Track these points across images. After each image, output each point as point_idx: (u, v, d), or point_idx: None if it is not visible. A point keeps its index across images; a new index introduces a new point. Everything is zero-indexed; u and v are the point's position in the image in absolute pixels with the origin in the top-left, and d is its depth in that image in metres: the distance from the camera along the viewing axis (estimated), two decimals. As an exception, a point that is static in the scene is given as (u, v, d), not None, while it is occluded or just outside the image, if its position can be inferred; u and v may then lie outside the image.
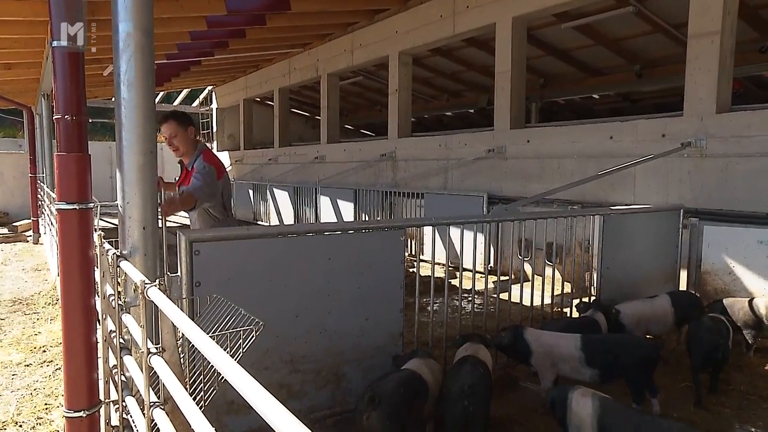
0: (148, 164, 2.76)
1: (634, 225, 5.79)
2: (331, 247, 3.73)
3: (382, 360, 3.88)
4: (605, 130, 7.49)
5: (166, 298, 1.91)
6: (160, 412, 2.08)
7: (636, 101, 13.43)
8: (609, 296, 5.42)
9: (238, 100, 18.47)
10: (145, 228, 2.79)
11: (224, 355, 1.48)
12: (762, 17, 8.64)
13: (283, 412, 1.08)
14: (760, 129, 5.87)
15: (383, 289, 3.92)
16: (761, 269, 5.60)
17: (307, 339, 3.55)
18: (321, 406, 3.65)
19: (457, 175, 9.62)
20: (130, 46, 2.67)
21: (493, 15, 8.79)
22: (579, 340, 3.82)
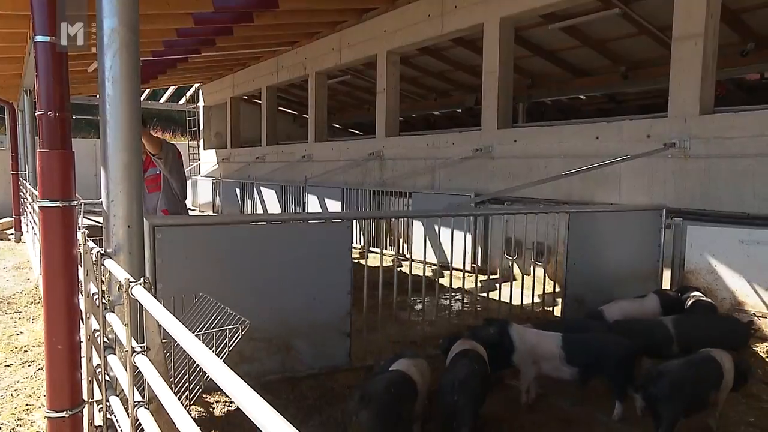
0: (133, 162, 2.74)
1: (612, 223, 5.95)
2: (283, 235, 4.46)
3: (331, 335, 4.48)
4: (591, 130, 7.56)
5: (151, 297, 1.90)
6: (144, 411, 2.07)
7: (621, 102, 13.58)
8: (576, 292, 5.70)
9: (226, 98, 18.37)
10: (130, 226, 2.78)
11: (208, 353, 1.48)
12: (743, 21, 8.77)
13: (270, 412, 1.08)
14: (741, 131, 5.96)
15: (332, 273, 4.47)
16: (742, 268, 5.69)
17: (259, 313, 3.90)
18: (271, 371, 4.22)
19: (444, 175, 9.65)
20: (115, 42, 2.65)
21: (481, 15, 8.83)
22: (560, 338, 3.87)
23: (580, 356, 3.78)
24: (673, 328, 4.33)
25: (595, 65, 11.60)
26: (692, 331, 4.34)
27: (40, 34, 2.60)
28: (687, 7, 6.38)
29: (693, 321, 4.57)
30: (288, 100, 18.55)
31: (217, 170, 19.11)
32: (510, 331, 3.90)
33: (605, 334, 4.26)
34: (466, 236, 7.12)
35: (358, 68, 13.72)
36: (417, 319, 6.18)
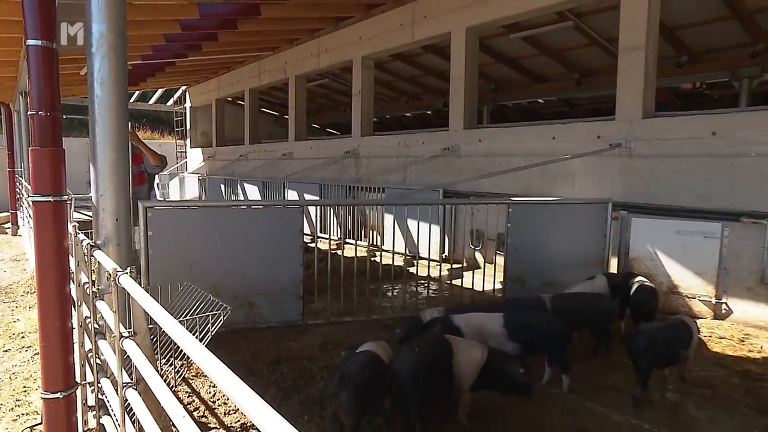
0: (120, 159, 2.73)
1: (558, 214, 6.19)
2: (249, 216, 5.40)
3: (286, 297, 5.36)
4: (548, 131, 7.67)
5: (137, 285, 1.91)
6: (132, 391, 2.08)
7: (576, 106, 13.77)
8: (516, 274, 6.03)
9: (211, 99, 18.16)
10: (118, 219, 2.76)
11: (190, 337, 1.50)
12: (678, 37, 9.01)
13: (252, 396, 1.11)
14: (677, 133, 6.14)
15: (286, 248, 5.34)
16: (677, 256, 5.89)
17: (227, 276, 5.08)
18: (236, 322, 4.98)
19: (415, 171, 9.71)
20: (104, 47, 2.62)
21: (449, 25, 8.88)
22: (502, 318, 3.99)
23: (520, 333, 3.92)
24: (550, 304, 4.52)
25: (552, 72, 11.73)
26: (564, 307, 4.51)
27: (31, 38, 2.56)
28: (630, 22, 6.53)
29: (566, 298, 4.72)
30: (270, 101, 18.39)
31: (203, 167, 18.90)
32: (453, 320, 3.99)
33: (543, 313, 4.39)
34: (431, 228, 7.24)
35: (335, 72, 13.68)
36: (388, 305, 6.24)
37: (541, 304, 4.56)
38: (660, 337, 3.80)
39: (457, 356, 3.31)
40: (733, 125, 5.75)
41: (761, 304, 5.49)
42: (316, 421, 3.45)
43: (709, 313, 5.76)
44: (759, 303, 5.51)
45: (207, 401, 3.74)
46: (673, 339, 3.87)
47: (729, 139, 5.72)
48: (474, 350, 3.38)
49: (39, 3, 2.57)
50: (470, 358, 3.32)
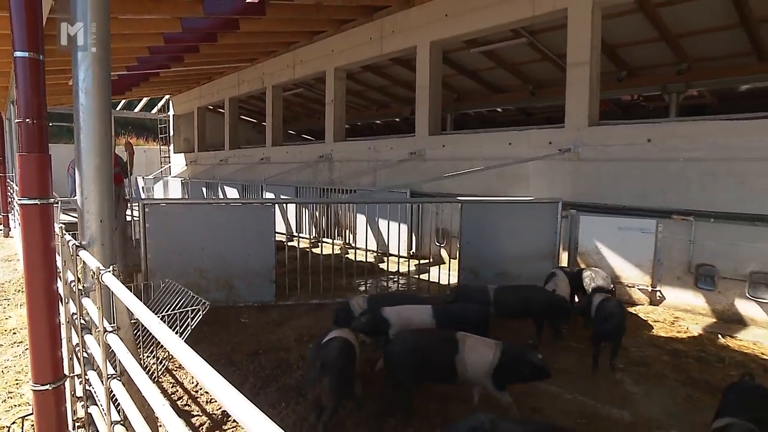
0: (104, 164, 2.70)
1: (511, 212, 6.39)
2: (230, 212, 5.96)
3: (261, 280, 5.91)
4: (506, 137, 7.79)
5: (118, 283, 1.90)
6: (116, 383, 2.08)
7: (531, 115, 13.97)
8: (469, 265, 6.20)
9: (193, 107, 17.87)
10: (102, 221, 2.73)
11: (168, 331, 1.51)
12: (618, 55, 9.28)
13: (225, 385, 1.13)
14: (618, 140, 6.34)
15: (260, 237, 5.91)
16: (619, 249, 6.10)
17: (210, 261, 5.72)
18: (219, 301, 5.56)
19: (384, 174, 9.75)
20: (88, 58, 2.60)
21: (414, 39, 8.96)
22: (431, 309, 4.06)
23: (448, 323, 3.96)
24: (493, 295, 4.67)
25: (509, 84, 11.90)
26: (504, 297, 4.67)
27: (19, 49, 2.51)
28: (576, 40, 6.71)
29: (506, 290, 4.83)
30: (248, 109, 18.20)
31: (186, 171, 18.58)
32: (383, 314, 3.98)
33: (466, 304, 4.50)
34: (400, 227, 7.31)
35: (309, 82, 13.62)
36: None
37: (485, 295, 4.69)
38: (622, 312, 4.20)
39: (463, 353, 3.23)
40: (664, 134, 5.97)
41: (688, 291, 5.74)
42: (293, 407, 3.47)
43: (646, 299, 5.98)
44: (686, 290, 5.75)
45: (190, 391, 3.72)
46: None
47: (661, 145, 5.94)
48: (485, 350, 3.25)
49: (26, 17, 2.53)
50: (479, 358, 3.21)
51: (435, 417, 3.30)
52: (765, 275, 5.22)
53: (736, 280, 5.42)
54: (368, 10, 9.57)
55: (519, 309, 4.67)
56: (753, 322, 5.33)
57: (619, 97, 10.73)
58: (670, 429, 3.26)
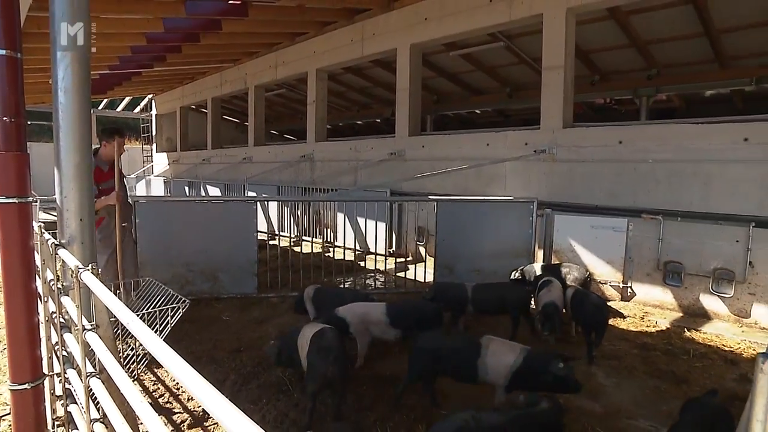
0: (84, 162, 2.64)
1: (487, 211, 6.45)
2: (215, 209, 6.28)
3: (243, 274, 6.09)
4: (483, 138, 7.85)
5: (97, 281, 1.87)
6: (96, 380, 2.04)
7: (508, 116, 14.11)
8: (445, 262, 6.30)
9: (176, 107, 17.62)
10: (82, 219, 2.67)
11: (146, 329, 1.48)
12: (591, 60, 9.44)
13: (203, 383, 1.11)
14: (591, 141, 6.44)
15: (243, 233, 6.11)
16: (592, 247, 6.21)
17: (196, 255, 5.93)
18: (203, 292, 5.91)
19: (365, 174, 9.75)
20: (67, 57, 2.54)
21: (394, 42, 8.97)
22: (384, 307, 4.09)
23: (401, 320, 4.01)
24: (471, 292, 4.74)
25: (487, 86, 11.99)
26: (481, 295, 4.74)
27: (-5, 48, 2.45)
28: (551, 45, 6.79)
29: (484, 287, 4.90)
30: (231, 109, 18.01)
31: (168, 171, 18.31)
32: (338, 314, 3.99)
33: (419, 301, 4.59)
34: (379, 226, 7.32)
35: (291, 83, 13.54)
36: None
37: (463, 291, 4.75)
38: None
39: (486, 357, 3.18)
40: (635, 136, 6.09)
41: (657, 287, 5.87)
42: (274, 403, 3.45)
43: (617, 296, 6.09)
44: (655, 286, 5.88)
45: (171, 388, 3.67)
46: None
47: (632, 147, 6.06)
48: (507, 355, 3.16)
49: (3, 14, 2.47)
50: (500, 362, 3.15)
51: (414, 410, 3.32)
52: (727, 271, 5.37)
53: (700, 276, 5.56)
54: (350, 13, 9.56)
55: (496, 305, 4.73)
56: (716, 315, 5.47)
57: (593, 100, 10.90)
58: (638, 418, 3.33)
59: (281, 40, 11.40)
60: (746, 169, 5.25)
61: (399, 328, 4.02)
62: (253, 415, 3.24)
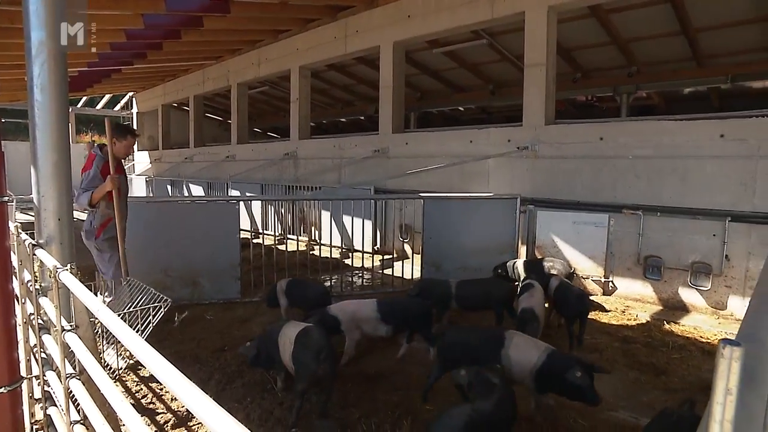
0: (61, 161, 2.59)
1: (471, 208, 6.44)
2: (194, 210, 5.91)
3: (225, 278, 5.75)
4: (466, 135, 7.89)
5: (76, 281, 1.83)
6: (76, 382, 2.00)
7: (491, 113, 14.16)
8: (432, 259, 6.27)
9: (157, 105, 17.39)
10: (60, 219, 2.62)
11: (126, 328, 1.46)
12: (573, 57, 9.54)
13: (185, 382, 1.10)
14: (573, 138, 6.52)
15: (225, 235, 5.75)
16: (574, 242, 6.28)
17: (174, 259, 5.52)
18: (182, 299, 5.39)
19: (349, 171, 9.73)
20: (43, 53, 2.48)
21: (377, 39, 8.96)
22: (375, 303, 4.11)
23: (392, 316, 4.03)
24: (454, 289, 4.77)
25: (470, 83, 12.04)
26: (464, 291, 4.79)
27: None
28: (533, 43, 6.85)
29: (468, 283, 4.94)
30: (213, 107, 17.81)
31: (150, 169, 18.06)
32: (330, 311, 4.02)
33: (409, 298, 4.61)
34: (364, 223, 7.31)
35: (274, 80, 13.44)
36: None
37: (447, 287, 4.77)
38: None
39: (508, 350, 3.12)
40: (615, 132, 6.18)
41: (637, 281, 5.97)
42: (258, 402, 3.43)
43: (599, 290, 6.18)
44: (636, 280, 5.98)
45: (155, 389, 3.63)
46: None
47: (613, 143, 6.14)
48: (530, 352, 3.09)
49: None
50: (523, 358, 3.08)
51: (399, 407, 3.33)
52: (704, 265, 5.48)
53: (679, 270, 5.67)
54: (332, 10, 9.51)
55: (479, 301, 4.76)
56: (694, 308, 5.59)
57: (575, 97, 11.03)
58: (619, 410, 3.38)
59: (264, 37, 11.30)
60: (722, 164, 5.36)
61: (390, 324, 4.03)
62: (237, 414, 3.22)
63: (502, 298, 4.74)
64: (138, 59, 11.18)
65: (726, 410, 0.64)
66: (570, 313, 4.48)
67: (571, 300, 4.45)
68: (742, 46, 8.11)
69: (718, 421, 0.64)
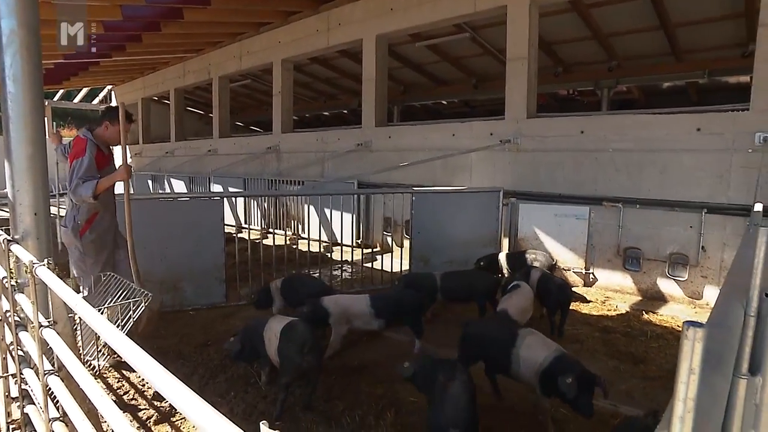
0: (37, 153, 2.54)
1: (457, 201, 6.42)
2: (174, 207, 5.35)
3: (209, 280, 5.30)
4: (449, 129, 7.90)
5: (54, 276, 1.80)
6: (54, 378, 1.97)
7: (474, 107, 14.22)
8: (420, 254, 6.20)
9: (137, 98, 17.06)
10: (36, 214, 2.57)
11: (107, 323, 1.45)
12: (555, 51, 9.62)
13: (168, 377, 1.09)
14: (554, 131, 6.58)
15: (210, 235, 5.28)
16: (556, 235, 6.37)
17: (153, 261, 4.81)
18: (163, 306, 4.75)
19: (332, 165, 9.69)
20: (15, 43, 2.43)
21: (360, 32, 8.91)
22: (368, 299, 4.12)
23: (385, 311, 4.05)
24: (439, 281, 4.83)
25: (453, 77, 12.05)
26: (450, 283, 4.85)
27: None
28: (515, 36, 6.89)
29: (452, 275, 5.00)
30: (194, 101, 17.55)
31: (130, 164, 17.73)
32: (322, 303, 4.01)
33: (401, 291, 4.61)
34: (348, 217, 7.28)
35: (256, 73, 13.29)
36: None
37: (432, 280, 4.81)
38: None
39: (519, 349, 3.06)
40: (596, 126, 6.26)
41: (617, 272, 6.08)
42: (242, 396, 3.42)
43: (580, 281, 6.28)
44: (616, 271, 6.09)
45: (136, 384, 3.60)
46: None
47: (593, 136, 6.22)
48: (538, 352, 3.01)
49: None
50: (530, 358, 3.01)
51: (383, 398, 3.35)
52: (682, 256, 5.60)
53: (658, 261, 5.79)
54: (315, 2, 9.44)
55: (463, 293, 4.81)
56: (672, 298, 5.71)
57: (556, 91, 11.12)
58: (598, 398, 3.44)
59: (245, 29, 11.17)
60: (699, 157, 5.47)
61: (383, 319, 4.04)
62: (221, 408, 3.20)
63: (484, 290, 4.79)
64: (116, 52, 10.98)
65: (689, 389, 0.66)
66: (551, 304, 4.56)
67: (553, 291, 4.53)
68: (718, 42, 8.27)
69: (682, 399, 0.66)
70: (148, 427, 3.09)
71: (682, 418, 0.67)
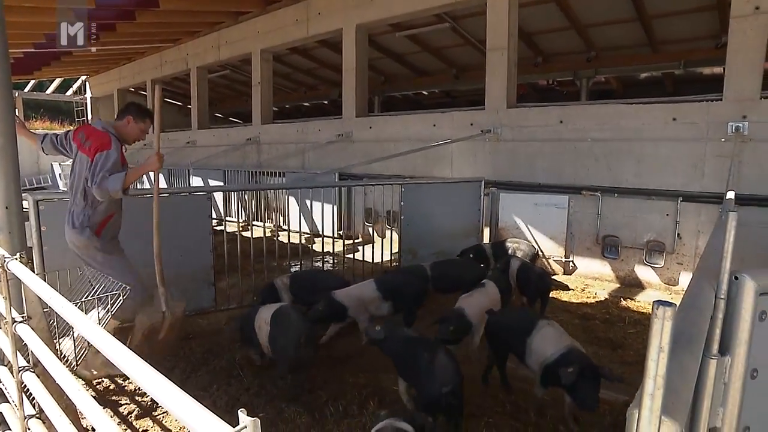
0: (7, 145, 2.48)
1: (441, 192, 6.35)
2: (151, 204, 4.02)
3: (196, 284, 4.75)
4: (430, 119, 7.91)
5: (27, 270, 1.76)
6: (30, 375, 1.94)
7: (455, 97, 14.25)
8: (410, 246, 6.12)
9: (113, 89, 16.72)
10: (8, 207, 2.51)
11: (84, 317, 1.42)
12: (535, 42, 9.68)
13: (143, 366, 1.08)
14: (534, 121, 6.63)
15: (197, 234, 4.73)
16: (536, 224, 6.44)
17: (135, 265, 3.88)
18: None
19: (313, 156, 9.64)
20: (-22, 31, 2.35)
21: (340, 22, 8.84)
22: (374, 282, 4.17)
23: (390, 293, 4.11)
24: (430, 271, 4.85)
25: (434, 67, 12.05)
26: (440, 273, 4.86)
27: None
28: (495, 27, 6.90)
29: (441, 265, 5.02)
30: (173, 92, 17.23)
31: (106, 156, 17.37)
32: (336, 299, 3.97)
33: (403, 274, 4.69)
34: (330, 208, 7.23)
35: (235, 64, 13.09)
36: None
37: (422, 270, 4.82)
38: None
39: (533, 339, 3.02)
40: (575, 116, 6.32)
41: (596, 260, 6.19)
42: (225, 389, 3.40)
43: (560, 270, 6.37)
44: (594, 259, 6.19)
45: (117, 379, 3.55)
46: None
47: (572, 126, 6.29)
48: (550, 345, 2.95)
49: None
50: (541, 349, 2.97)
51: (366, 387, 3.37)
52: (658, 243, 5.72)
53: (635, 249, 5.90)
54: (294, -9, 9.32)
55: (452, 283, 4.82)
56: (649, 285, 5.84)
57: (536, 81, 11.20)
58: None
59: (223, 19, 10.99)
60: (675, 147, 5.58)
61: (390, 301, 4.10)
62: (203, 401, 3.18)
63: (471, 280, 4.83)
64: (89, 41, 10.69)
65: (659, 366, 0.68)
66: (531, 293, 4.62)
67: (532, 280, 4.59)
68: (693, 34, 8.41)
69: (652, 377, 0.68)
70: (129, 422, 3.06)
71: (651, 395, 0.68)
